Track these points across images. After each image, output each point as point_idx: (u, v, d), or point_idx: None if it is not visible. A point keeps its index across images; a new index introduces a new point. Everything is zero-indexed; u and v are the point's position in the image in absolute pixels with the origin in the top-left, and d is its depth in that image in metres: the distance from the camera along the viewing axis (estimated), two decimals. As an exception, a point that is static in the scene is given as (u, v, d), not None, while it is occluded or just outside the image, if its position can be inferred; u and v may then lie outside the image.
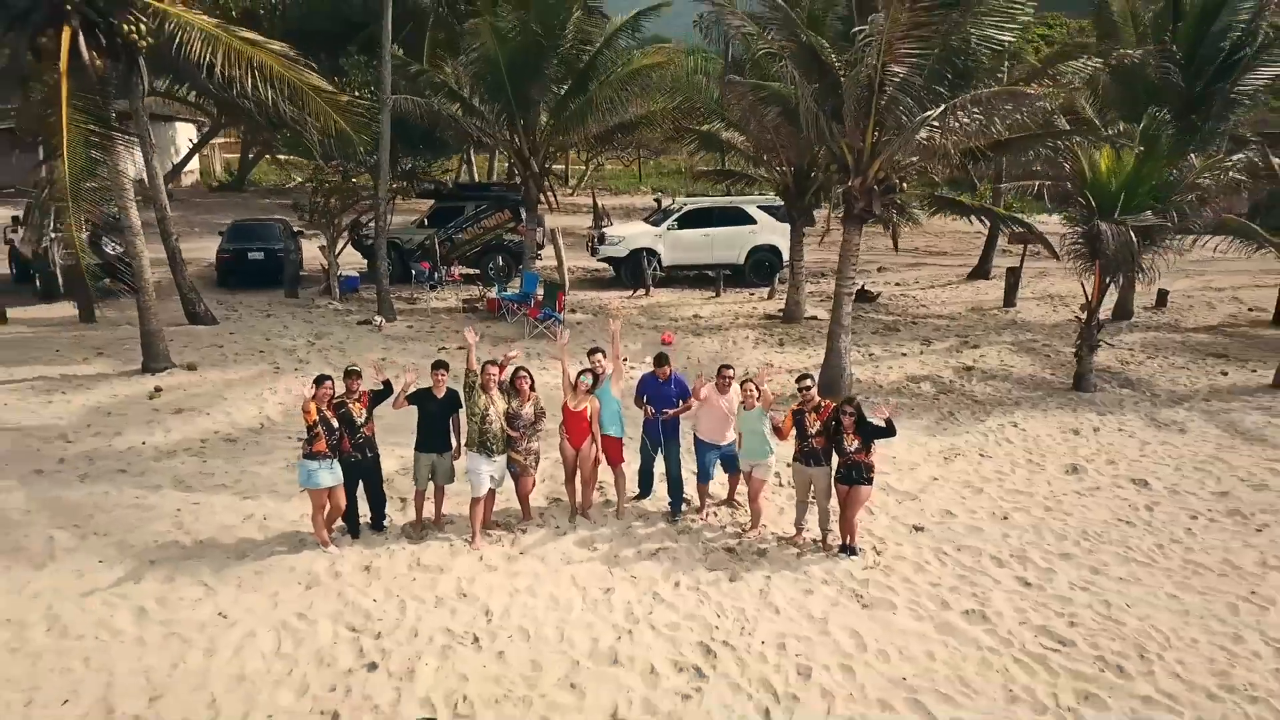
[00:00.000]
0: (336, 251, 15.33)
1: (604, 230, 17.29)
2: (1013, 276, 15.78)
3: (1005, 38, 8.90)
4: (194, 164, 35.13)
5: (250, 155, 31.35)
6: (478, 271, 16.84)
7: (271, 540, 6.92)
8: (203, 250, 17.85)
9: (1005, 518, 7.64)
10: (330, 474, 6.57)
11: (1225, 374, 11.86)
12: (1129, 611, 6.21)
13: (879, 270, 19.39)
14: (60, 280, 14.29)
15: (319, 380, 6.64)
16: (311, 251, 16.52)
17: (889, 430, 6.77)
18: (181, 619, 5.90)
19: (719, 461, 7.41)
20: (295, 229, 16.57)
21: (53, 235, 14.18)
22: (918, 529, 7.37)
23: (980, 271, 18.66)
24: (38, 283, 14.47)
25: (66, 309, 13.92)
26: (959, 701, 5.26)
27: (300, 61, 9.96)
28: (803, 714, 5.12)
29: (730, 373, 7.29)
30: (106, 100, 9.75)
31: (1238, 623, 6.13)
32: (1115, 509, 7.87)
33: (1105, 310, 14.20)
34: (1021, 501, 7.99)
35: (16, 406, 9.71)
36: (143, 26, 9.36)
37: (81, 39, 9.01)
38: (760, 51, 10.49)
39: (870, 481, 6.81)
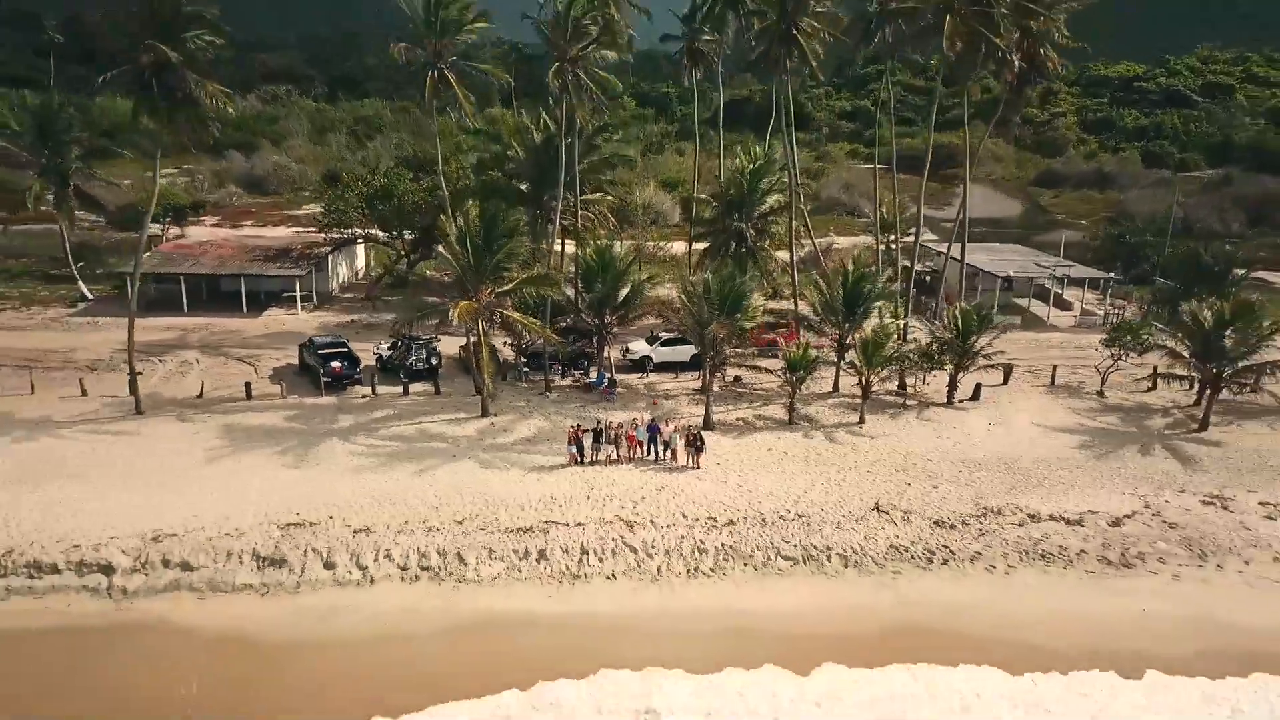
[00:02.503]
0: (517, 355, 36.48)
1: (627, 345, 38.52)
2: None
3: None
4: (361, 261, 56.15)
5: (412, 257, 51.40)
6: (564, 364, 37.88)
7: (558, 466, 28.25)
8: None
9: (743, 461, 29.00)
10: (575, 448, 28.03)
11: (851, 418, 33.12)
12: (784, 490, 27.63)
13: (754, 355, 40.41)
14: (409, 373, 35.29)
15: (574, 426, 28.16)
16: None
17: (704, 440, 28.36)
18: (546, 480, 27.30)
19: (668, 448, 28.88)
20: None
21: (414, 355, 35.32)
22: (718, 464, 28.71)
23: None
24: (402, 375, 35.25)
25: (421, 387, 35.05)
26: (722, 503, 26.64)
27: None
28: (683, 498, 26.54)
29: (666, 428, 28.77)
30: (490, 338, 31.01)
31: (818, 494, 27.54)
32: (783, 465, 29.19)
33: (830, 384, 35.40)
34: (753, 456, 29.33)
35: (451, 432, 30.85)
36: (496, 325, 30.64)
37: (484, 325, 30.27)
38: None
39: (703, 450, 28.23)
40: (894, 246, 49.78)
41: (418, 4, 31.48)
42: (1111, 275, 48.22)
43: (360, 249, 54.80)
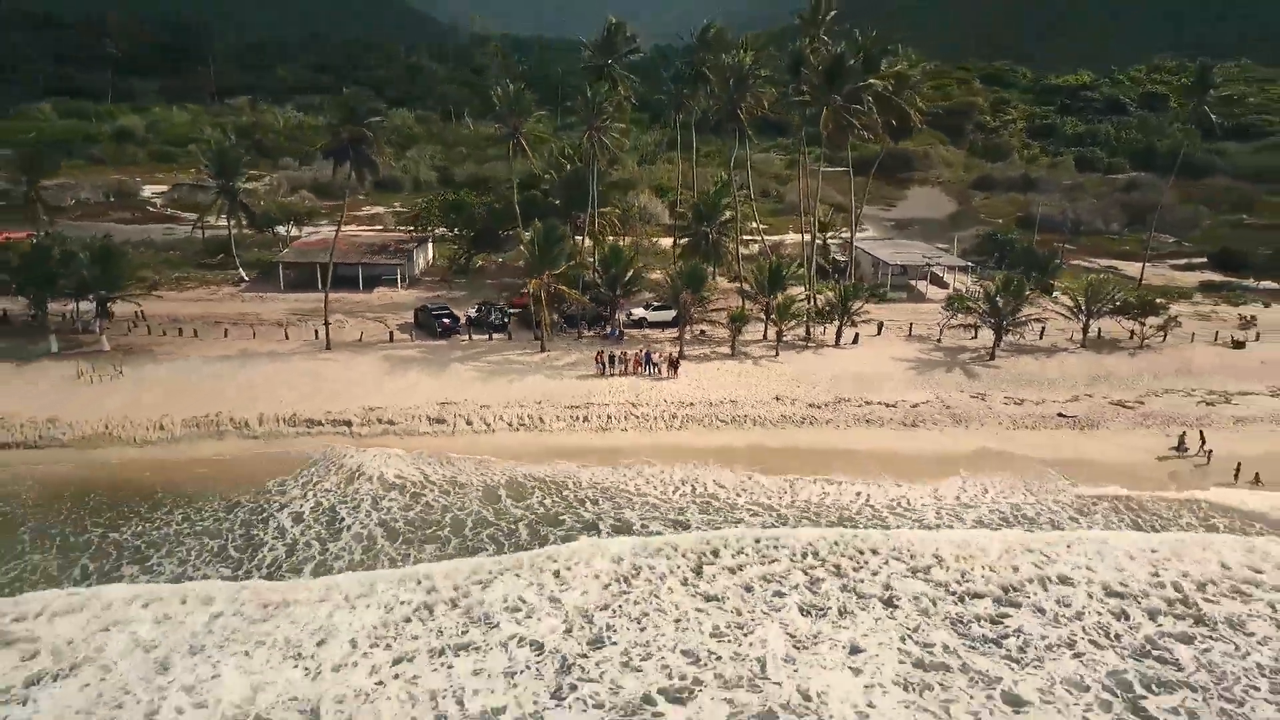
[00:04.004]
0: (559, 314, 55.63)
1: (631, 310, 57.58)
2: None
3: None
4: (431, 253, 75.11)
5: (472, 251, 70.47)
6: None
7: (591, 377, 47.61)
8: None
9: (701, 375, 48.30)
10: (601, 366, 47.37)
11: (770, 353, 52.28)
12: (724, 390, 47.05)
13: (713, 310, 59.10)
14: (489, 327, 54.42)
15: (600, 352, 47.57)
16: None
17: (679, 362, 47.82)
18: (585, 384, 46.69)
19: (657, 367, 48.26)
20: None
21: (493, 314, 54.43)
22: (686, 376, 47.98)
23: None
24: (486, 327, 54.32)
25: (497, 336, 54.18)
26: (687, 395, 46.02)
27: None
28: (665, 393, 45.94)
29: (656, 356, 48.17)
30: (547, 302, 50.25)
31: (743, 391, 46.96)
32: (725, 377, 48.54)
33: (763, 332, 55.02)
34: (707, 373, 48.66)
35: (523, 359, 50.11)
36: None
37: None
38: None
39: (678, 368, 47.71)
40: (827, 243, 69.14)
41: (504, 98, 50.73)
42: (969, 264, 67.65)
43: (430, 244, 73.80)
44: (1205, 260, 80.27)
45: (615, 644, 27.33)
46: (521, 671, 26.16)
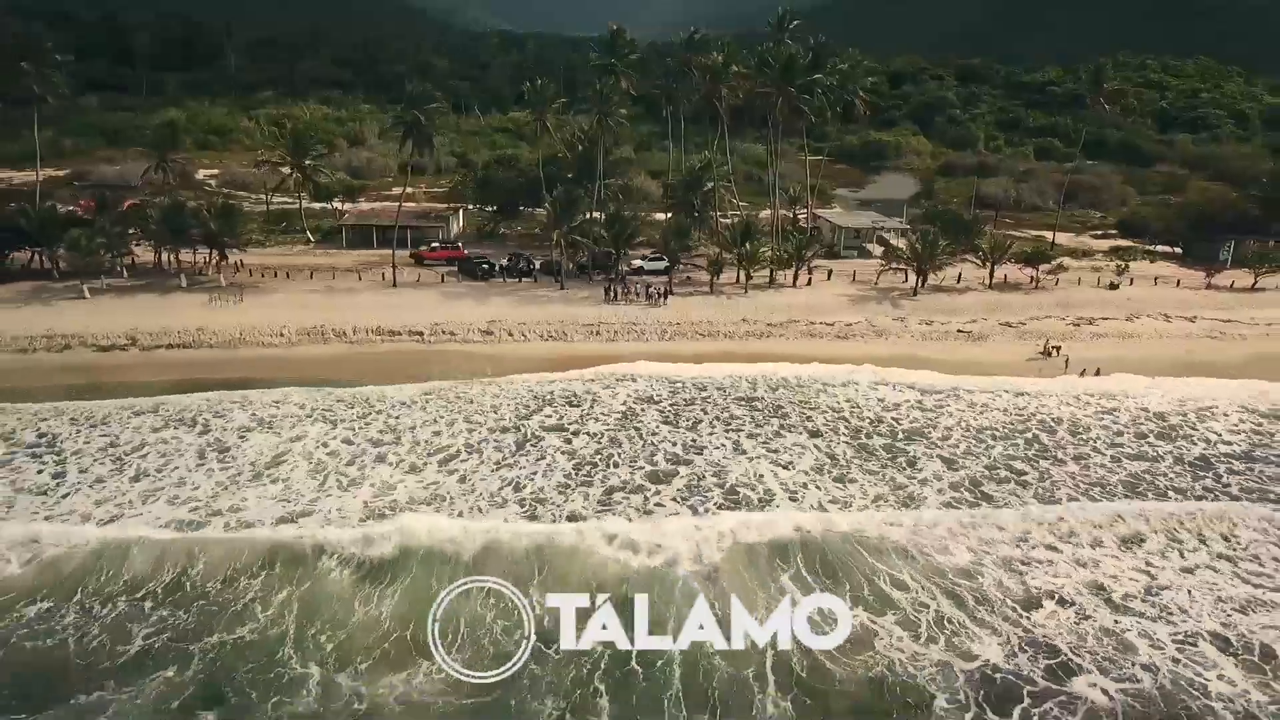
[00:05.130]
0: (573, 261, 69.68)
1: (631, 262, 71.63)
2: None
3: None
4: (462, 220, 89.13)
5: (498, 222, 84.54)
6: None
7: (600, 304, 61.73)
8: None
9: (686, 306, 62.51)
10: (610, 295, 61.56)
11: (741, 292, 66.43)
12: (703, 315, 61.31)
13: (696, 257, 73.21)
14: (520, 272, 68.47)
15: (607, 286, 61.82)
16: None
17: (668, 295, 62.18)
18: (595, 310, 60.92)
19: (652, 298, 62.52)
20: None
21: (522, 262, 68.53)
22: (674, 306, 62.18)
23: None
24: (516, 273, 68.34)
25: (527, 281, 68.26)
26: (674, 318, 60.24)
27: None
28: (658, 315, 60.16)
29: (651, 290, 62.37)
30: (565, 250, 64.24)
31: (718, 316, 61.21)
32: (704, 308, 62.78)
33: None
34: (691, 305, 62.87)
35: (547, 295, 64.21)
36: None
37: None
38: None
39: (667, 299, 61.93)
40: (795, 215, 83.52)
41: (533, 91, 64.86)
42: (908, 227, 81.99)
43: (461, 214, 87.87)
44: (1115, 230, 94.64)
45: (619, 449, 41.46)
46: (554, 468, 40.05)
